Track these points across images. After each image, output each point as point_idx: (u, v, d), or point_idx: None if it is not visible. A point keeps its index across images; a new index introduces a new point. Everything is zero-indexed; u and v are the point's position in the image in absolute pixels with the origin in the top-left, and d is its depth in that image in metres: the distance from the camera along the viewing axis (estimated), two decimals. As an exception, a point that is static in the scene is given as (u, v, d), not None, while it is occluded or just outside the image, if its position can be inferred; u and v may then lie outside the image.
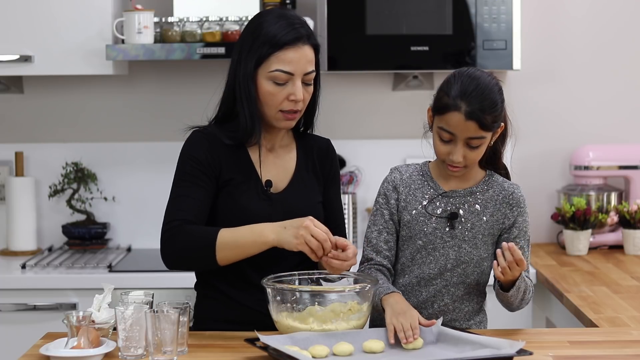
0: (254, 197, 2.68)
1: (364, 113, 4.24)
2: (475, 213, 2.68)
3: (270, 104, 2.64)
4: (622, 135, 4.26)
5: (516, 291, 2.61)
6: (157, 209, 4.12)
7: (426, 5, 3.89)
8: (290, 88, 2.63)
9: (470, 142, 2.59)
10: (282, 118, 2.66)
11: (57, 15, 3.86)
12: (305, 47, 2.64)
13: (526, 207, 2.72)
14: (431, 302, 2.69)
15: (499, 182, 2.72)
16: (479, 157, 2.64)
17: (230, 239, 2.56)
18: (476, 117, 2.55)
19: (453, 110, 2.56)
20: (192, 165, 2.67)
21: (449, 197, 2.69)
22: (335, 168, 2.84)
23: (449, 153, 2.61)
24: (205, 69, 4.15)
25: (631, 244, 4.01)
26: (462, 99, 2.55)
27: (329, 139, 2.85)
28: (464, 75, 2.60)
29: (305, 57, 2.64)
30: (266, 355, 2.36)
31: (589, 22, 4.24)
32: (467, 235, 2.66)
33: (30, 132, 4.23)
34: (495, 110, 2.58)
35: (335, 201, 2.82)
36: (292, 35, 2.63)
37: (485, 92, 2.57)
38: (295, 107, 2.64)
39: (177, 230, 2.60)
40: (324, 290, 2.53)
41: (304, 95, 2.64)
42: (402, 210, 2.71)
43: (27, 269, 3.80)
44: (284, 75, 2.62)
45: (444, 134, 2.60)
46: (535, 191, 4.26)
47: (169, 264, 2.64)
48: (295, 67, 2.62)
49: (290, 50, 2.62)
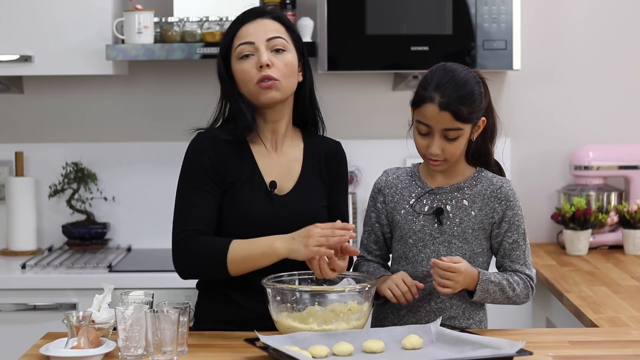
0: (257, 199, 2.68)
1: (364, 113, 4.24)
2: (463, 208, 2.68)
3: (246, 80, 2.66)
4: (622, 135, 4.26)
5: (484, 294, 2.63)
6: (157, 209, 4.17)
7: (426, 5, 3.89)
8: (257, 57, 2.65)
9: (447, 133, 2.61)
10: (261, 90, 2.66)
11: (57, 15, 3.86)
12: (264, 20, 2.69)
13: (517, 200, 2.71)
14: (428, 300, 2.69)
15: (488, 177, 2.73)
16: (458, 151, 2.65)
17: (241, 252, 2.57)
18: (450, 108, 2.58)
19: (428, 101, 2.60)
20: (198, 170, 2.67)
21: (436, 194, 2.71)
22: (342, 171, 2.83)
23: (428, 146, 2.64)
24: (205, 69, 4.15)
25: (631, 244, 4.01)
26: (436, 90, 2.59)
27: (339, 142, 2.84)
28: (440, 69, 2.65)
29: (265, 26, 2.68)
30: (266, 355, 2.36)
31: (589, 22, 4.24)
32: (456, 230, 2.67)
33: (30, 132, 4.23)
34: (471, 102, 2.61)
35: (341, 205, 2.81)
36: (246, 12, 2.71)
37: (459, 83, 2.61)
38: (266, 72, 2.64)
39: (189, 242, 2.61)
40: (324, 290, 2.53)
41: (274, 62, 2.65)
42: (392, 210, 2.74)
43: (27, 269, 3.80)
44: (246, 47, 2.66)
45: (421, 126, 2.63)
46: (535, 191, 4.26)
47: (181, 274, 2.67)
48: (254, 37, 2.66)
49: (247, 25, 2.69)
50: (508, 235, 2.69)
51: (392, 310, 2.73)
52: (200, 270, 2.65)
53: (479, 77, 2.68)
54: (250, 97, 2.68)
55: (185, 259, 2.62)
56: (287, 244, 2.54)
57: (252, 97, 2.68)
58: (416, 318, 2.69)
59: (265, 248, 2.56)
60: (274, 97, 2.66)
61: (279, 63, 2.66)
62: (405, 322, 2.69)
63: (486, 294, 2.62)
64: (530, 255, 2.74)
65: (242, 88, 2.69)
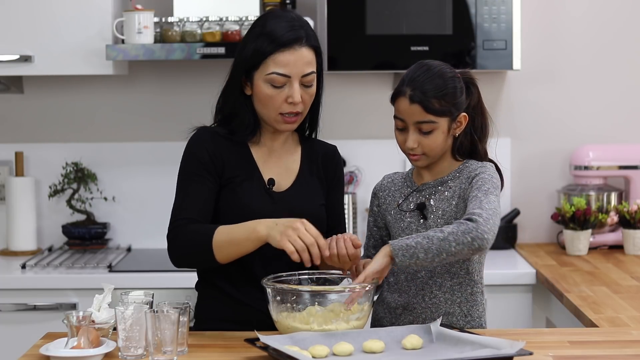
0: (256, 195, 2.69)
1: (364, 113, 4.24)
2: (445, 199, 2.70)
3: (270, 106, 2.65)
4: (622, 135, 4.26)
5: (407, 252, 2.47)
6: (157, 209, 4.17)
7: (426, 5, 3.89)
8: (288, 91, 2.62)
9: (421, 127, 2.64)
10: (282, 121, 2.66)
11: (57, 15, 3.86)
12: (302, 49, 2.63)
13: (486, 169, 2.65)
14: (422, 296, 2.70)
15: (473, 167, 2.71)
16: (435, 144, 2.66)
17: (225, 237, 2.56)
18: (419, 100, 2.62)
19: (400, 96, 2.66)
20: (196, 163, 2.68)
21: (421, 190, 2.73)
22: (339, 174, 2.84)
23: (405, 141, 2.67)
24: (205, 69, 4.15)
25: (631, 244, 4.01)
26: (408, 84, 2.64)
27: (336, 146, 2.86)
28: (416, 65, 2.69)
29: (303, 58, 2.63)
30: (266, 355, 2.36)
31: (589, 22, 4.24)
32: (439, 222, 2.68)
33: (30, 132, 4.23)
34: (443, 95, 2.63)
35: (337, 207, 2.82)
36: (289, 37, 2.62)
37: (431, 77, 2.64)
38: (294, 109, 2.64)
39: (180, 230, 2.62)
40: (324, 290, 2.53)
41: (303, 98, 2.64)
42: (384, 212, 2.79)
43: (27, 269, 3.80)
44: (280, 78, 2.62)
45: (397, 121, 2.69)
46: (535, 191, 4.26)
47: (174, 262, 2.67)
48: (291, 69, 2.62)
49: (287, 53, 2.62)
50: (469, 195, 2.62)
51: (389, 309, 2.75)
52: (190, 258, 2.64)
53: (467, 77, 2.70)
54: (265, 118, 2.68)
55: (176, 247, 2.63)
56: (268, 228, 2.51)
57: (268, 120, 2.68)
58: (413, 316, 2.70)
59: (248, 231, 2.54)
60: (292, 129, 2.70)
61: (306, 97, 2.66)
62: (403, 321, 2.70)
63: (407, 250, 2.48)
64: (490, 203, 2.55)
65: (259, 106, 2.67)
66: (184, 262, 2.68)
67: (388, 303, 2.74)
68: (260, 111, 2.68)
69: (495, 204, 2.57)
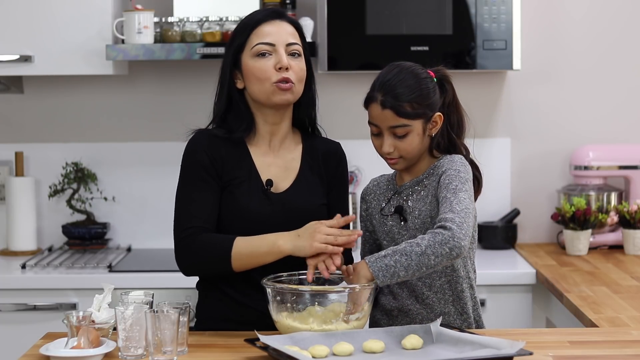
0: (255, 196, 2.69)
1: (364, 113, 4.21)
2: (420, 199, 2.69)
3: (262, 78, 2.66)
4: (622, 135, 4.26)
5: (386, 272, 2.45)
6: (157, 209, 4.17)
7: (426, 5, 3.89)
8: (275, 58, 2.66)
9: (395, 131, 2.64)
10: (278, 90, 2.67)
11: (57, 15, 3.86)
12: (282, 23, 2.71)
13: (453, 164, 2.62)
14: (414, 298, 2.70)
15: (441, 162, 2.68)
16: (411, 147, 2.66)
17: (245, 250, 2.59)
18: (390, 105, 2.61)
19: (372, 102, 2.66)
20: (197, 168, 2.68)
21: (400, 192, 2.74)
22: (342, 171, 2.84)
23: (381, 146, 2.67)
24: (205, 69, 4.15)
25: (631, 244, 4.01)
26: (379, 90, 2.63)
27: (339, 143, 2.86)
28: (387, 68, 2.68)
29: (284, 29, 2.70)
30: (266, 355, 2.36)
31: (589, 22, 4.24)
32: (416, 222, 2.67)
33: (30, 132, 4.23)
34: (414, 97, 2.61)
35: (339, 205, 2.81)
36: (266, 13, 2.72)
37: (401, 80, 2.62)
38: (285, 74, 2.65)
39: (193, 239, 2.62)
40: (324, 290, 2.53)
41: (293, 67, 2.67)
42: (370, 217, 2.80)
43: (27, 269, 3.80)
44: (265, 46, 2.67)
45: (372, 127, 2.69)
46: (535, 191, 4.26)
47: (185, 271, 2.69)
48: (275, 37, 2.68)
49: (267, 25, 2.69)
50: (440, 196, 2.59)
51: (385, 312, 2.75)
52: (204, 267, 2.67)
53: (441, 74, 2.69)
54: (261, 95, 2.68)
55: (189, 256, 2.64)
56: (291, 241, 2.56)
57: (264, 95, 2.68)
58: (409, 317, 2.70)
59: (269, 246, 2.57)
60: (288, 99, 2.69)
61: (296, 67, 2.69)
62: (400, 323, 2.69)
63: (388, 270, 2.46)
64: (460, 204, 2.51)
65: (253, 86, 2.69)
66: (195, 271, 2.70)
67: (384, 306, 2.74)
68: (255, 91, 2.68)
69: (466, 202, 2.53)
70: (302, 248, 2.54)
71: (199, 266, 2.66)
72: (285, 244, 2.56)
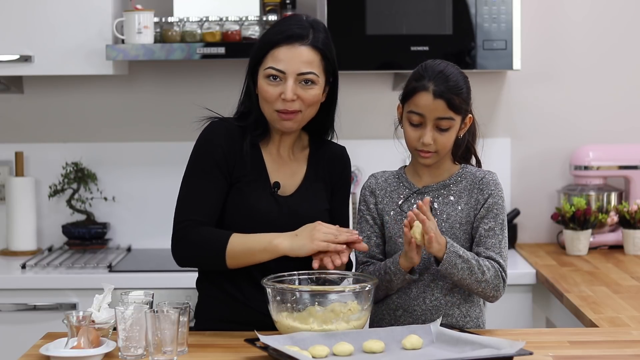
0: (263, 196, 2.69)
1: (364, 113, 4.24)
2: (450, 204, 2.69)
3: (267, 102, 2.65)
4: (622, 135, 4.26)
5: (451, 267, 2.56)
6: (157, 209, 4.17)
7: (426, 5, 3.89)
8: (282, 87, 2.62)
9: (440, 123, 2.63)
10: (278, 118, 2.65)
11: (57, 15, 3.86)
12: (302, 48, 2.62)
13: (499, 190, 2.71)
14: (422, 298, 2.70)
15: (472, 172, 2.74)
16: (449, 143, 2.66)
17: (240, 247, 2.58)
18: (444, 96, 2.61)
19: (421, 90, 2.63)
20: (208, 159, 2.66)
21: (423, 193, 2.72)
22: (345, 176, 2.83)
23: (420, 137, 2.65)
24: (205, 69, 4.15)
25: (631, 244, 4.01)
26: (430, 80, 2.63)
27: (344, 147, 2.85)
28: (431, 62, 2.68)
29: (300, 57, 2.62)
30: (266, 355, 2.36)
31: (590, 22, 4.24)
32: (443, 226, 2.67)
33: (30, 132, 4.23)
34: (462, 93, 2.64)
35: (341, 209, 2.82)
36: (290, 34, 2.63)
37: (450, 75, 2.64)
38: (288, 107, 2.62)
39: (190, 231, 2.62)
40: (324, 290, 2.53)
41: (302, 96, 2.62)
42: (381, 212, 2.76)
43: (27, 269, 3.80)
44: (275, 72, 2.62)
45: (414, 116, 2.65)
46: (535, 191, 4.26)
47: (179, 262, 2.68)
48: (287, 65, 2.62)
49: (284, 49, 2.62)
50: (485, 222, 2.67)
51: (388, 311, 2.74)
52: (198, 261, 2.68)
53: None
54: (266, 115, 2.68)
55: (184, 247, 2.63)
56: (288, 240, 2.56)
57: (269, 117, 2.68)
58: (413, 317, 2.70)
59: (265, 244, 2.57)
60: (290, 127, 2.67)
61: (305, 95, 2.63)
62: (402, 322, 2.69)
63: (453, 267, 2.57)
64: (506, 248, 2.68)
65: (261, 103, 2.68)
66: (190, 263, 2.70)
67: (388, 304, 2.74)
68: (262, 109, 2.68)
69: (506, 244, 2.68)
70: (302, 246, 2.54)
71: (194, 259, 2.66)
72: (282, 243, 2.56)
